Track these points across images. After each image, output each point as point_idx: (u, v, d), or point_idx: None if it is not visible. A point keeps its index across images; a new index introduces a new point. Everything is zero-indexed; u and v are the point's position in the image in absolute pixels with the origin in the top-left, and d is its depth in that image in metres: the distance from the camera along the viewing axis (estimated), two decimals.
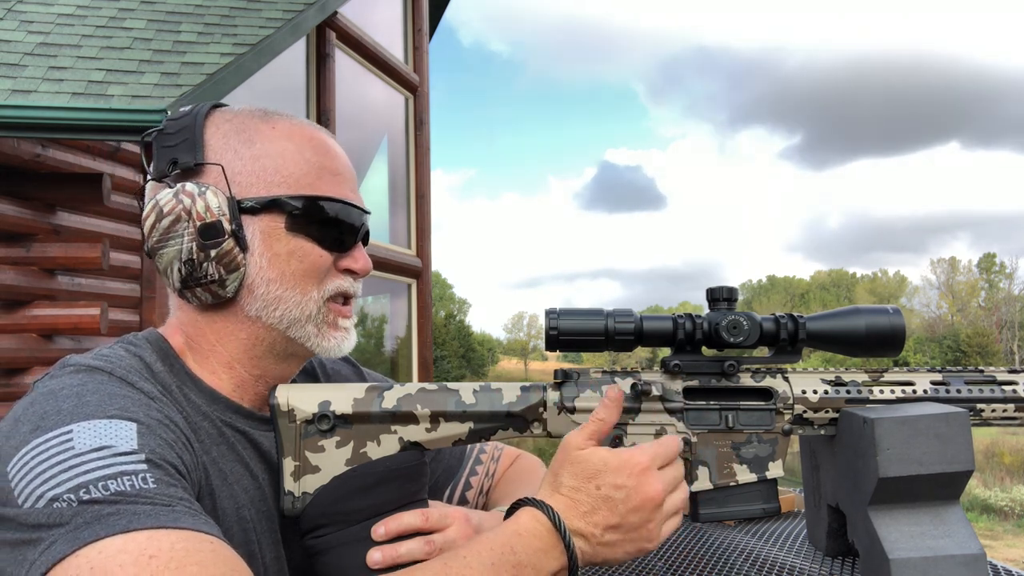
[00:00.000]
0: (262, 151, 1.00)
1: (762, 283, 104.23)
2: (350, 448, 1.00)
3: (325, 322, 1.03)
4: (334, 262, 1.03)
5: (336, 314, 1.05)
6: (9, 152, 4.11)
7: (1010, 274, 76.27)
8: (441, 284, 76.36)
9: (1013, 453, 24.16)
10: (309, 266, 1.01)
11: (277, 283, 1.00)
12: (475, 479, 1.29)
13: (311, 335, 1.02)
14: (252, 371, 1.03)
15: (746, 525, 1.62)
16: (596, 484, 0.91)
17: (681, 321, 1.07)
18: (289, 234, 0.99)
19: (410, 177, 8.84)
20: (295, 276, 1.00)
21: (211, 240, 0.96)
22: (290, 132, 1.03)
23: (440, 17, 10.70)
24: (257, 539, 0.98)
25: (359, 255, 1.06)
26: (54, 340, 4.42)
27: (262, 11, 5.36)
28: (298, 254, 1.00)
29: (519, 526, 0.90)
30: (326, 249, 1.02)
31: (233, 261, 0.97)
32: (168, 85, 4.24)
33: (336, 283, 1.04)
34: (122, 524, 0.74)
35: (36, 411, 0.83)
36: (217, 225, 0.96)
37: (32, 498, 0.76)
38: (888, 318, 1.07)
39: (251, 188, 0.99)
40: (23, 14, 4.85)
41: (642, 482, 0.91)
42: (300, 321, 1.01)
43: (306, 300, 1.01)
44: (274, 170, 1.00)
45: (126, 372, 0.91)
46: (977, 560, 1.00)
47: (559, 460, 0.95)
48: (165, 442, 0.85)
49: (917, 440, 1.00)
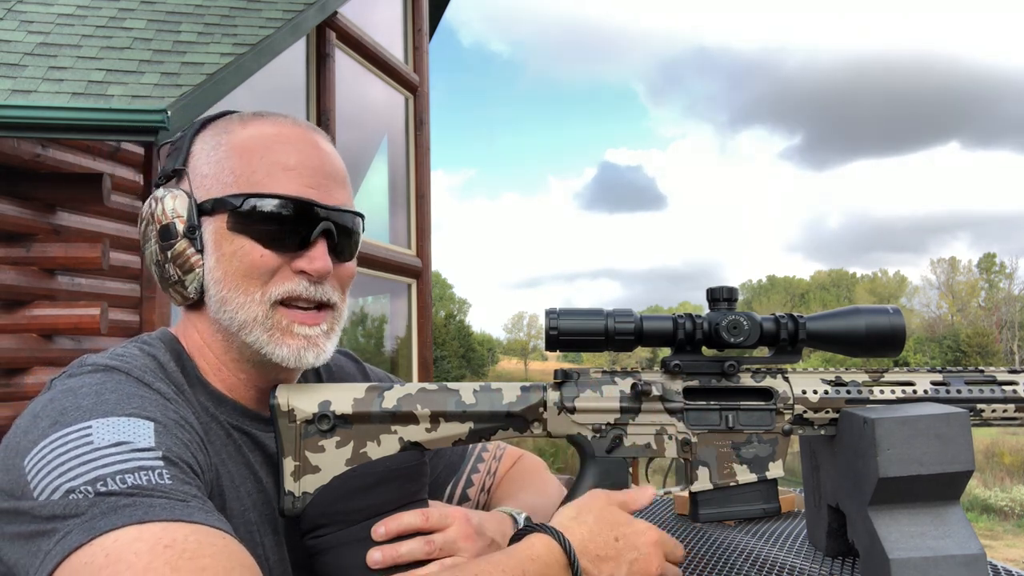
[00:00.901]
0: (226, 151, 1.00)
1: (762, 283, 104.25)
2: (350, 448, 1.00)
3: (276, 328, 0.97)
4: (288, 262, 0.98)
5: (291, 319, 0.98)
6: (9, 152, 4.10)
7: (1010, 274, 76.31)
8: (441, 284, 76.37)
9: (1013, 453, 24.16)
10: (249, 266, 0.97)
11: (222, 283, 0.97)
12: (477, 477, 1.29)
13: (263, 341, 0.97)
14: (238, 374, 1.03)
15: (746, 525, 1.62)
16: (615, 536, 0.94)
17: (681, 321, 1.07)
18: (231, 233, 0.97)
19: (410, 177, 8.84)
20: (236, 276, 0.97)
21: (167, 241, 0.98)
22: (258, 131, 1.00)
23: (440, 17, 10.69)
24: (261, 541, 0.99)
25: (316, 255, 0.98)
26: (54, 340, 4.42)
27: (262, 11, 5.36)
28: (239, 254, 0.97)
29: (532, 551, 0.90)
30: (271, 249, 0.96)
31: (187, 262, 0.98)
32: (168, 85, 4.24)
33: (285, 285, 0.97)
34: (138, 515, 0.74)
35: (56, 407, 0.84)
36: (171, 227, 0.98)
37: (48, 490, 0.77)
38: (888, 318, 1.07)
39: (211, 189, 0.99)
40: (23, 14, 4.85)
41: (651, 554, 0.95)
42: (248, 324, 0.97)
43: (249, 301, 0.97)
44: (229, 169, 0.99)
45: (142, 372, 0.92)
46: (977, 560, 1.00)
47: (586, 502, 0.97)
48: (181, 442, 0.86)
49: (917, 440, 1.00)
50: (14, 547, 0.78)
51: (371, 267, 7.60)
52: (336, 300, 1.02)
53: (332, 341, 1.03)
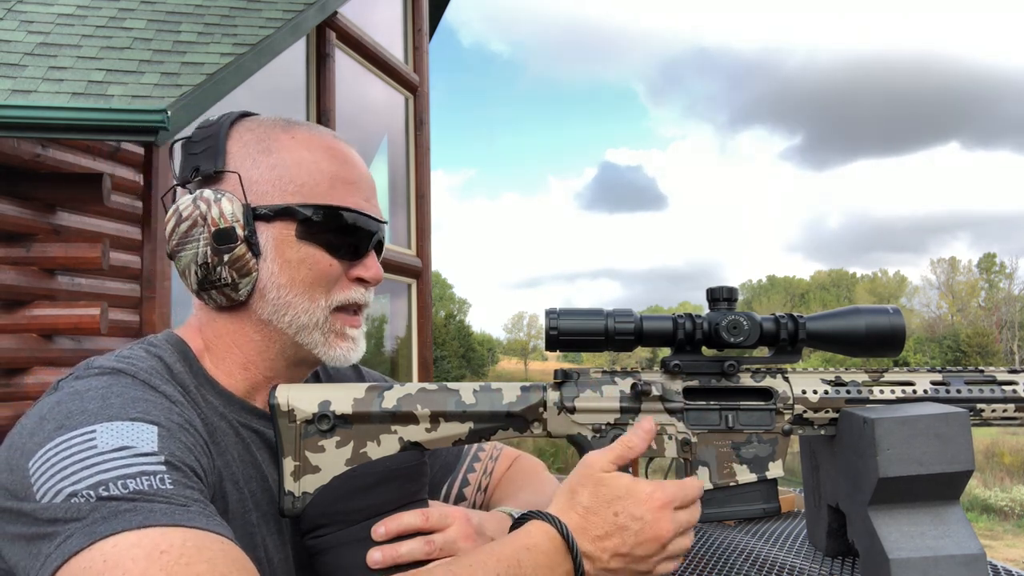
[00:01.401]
0: (279, 160, 1.03)
1: (762, 283, 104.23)
2: (350, 448, 1.00)
3: (332, 331, 1.05)
4: (345, 271, 1.05)
5: (344, 323, 1.06)
6: (9, 152, 4.11)
7: (1010, 274, 76.29)
8: (441, 284, 76.37)
9: (1013, 453, 24.16)
10: (318, 274, 1.02)
11: (287, 289, 1.02)
12: (473, 476, 1.29)
13: (318, 343, 1.04)
14: (266, 373, 1.05)
15: (746, 525, 1.62)
16: (615, 510, 0.92)
17: (681, 321, 1.07)
18: (300, 241, 1.02)
19: (410, 177, 8.84)
20: (304, 283, 1.02)
21: (224, 245, 0.99)
22: (308, 142, 1.05)
23: (440, 17, 10.69)
24: (263, 541, 0.99)
25: (371, 263, 1.07)
26: (54, 340, 4.42)
27: (262, 11, 5.36)
28: (308, 261, 1.02)
29: (529, 540, 0.89)
30: (336, 257, 1.04)
31: (245, 266, 1.00)
32: (168, 85, 4.24)
33: (346, 293, 1.05)
34: (138, 520, 0.75)
35: (62, 410, 0.85)
36: (231, 231, 0.99)
37: (51, 493, 0.77)
38: (888, 318, 1.07)
39: (266, 196, 1.02)
40: (23, 14, 4.85)
41: (658, 518, 0.92)
42: (308, 328, 1.03)
43: (314, 307, 1.03)
44: (289, 179, 1.02)
45: (148, 375, 0.93)
46: (977, 560, 1.00)
47: (579, 477, 0.95)
48: (184, 446, 0.87)
49: (917, 440, 1.01)
50: (15, 548, 0.78)
51: None
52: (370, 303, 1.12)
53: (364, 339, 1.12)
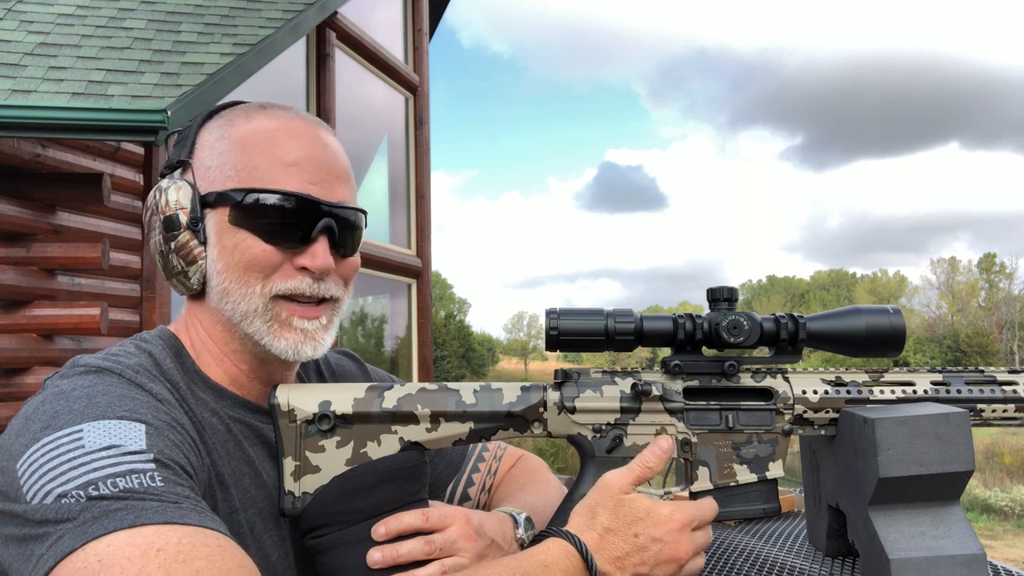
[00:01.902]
0: (229, 144, 1.00)
1: (762, 283, 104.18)
2: (350, 448, 1.00)
3: (276, 320, 0.99)
4: (290, 258, 0.99)
5: (291, 313, 0.99)
6: (9, 152, 4.10)
7: (1010, 274, 76.25)
8: (441, 284, 76.34)
9: (1013, 453, 24.16)
10: (251, 260, 0.97)
11: (224, 275, 0.98)
12: (477, 476, 1.29)
13: (262, 332, 0.99)
14: (240, 365, 1.03)
15: (746, 525, 1.62)
16: (635, 531, 0.92)
17: (681, 321, 1.07)
18: (233, 227, 0.97)
19: (410, 177, 8.84)
20: (238, 269, 0.98)
21: (171, 232, 0.99)
22: (261, 125, 1.01)
23: (440, 17, 10.69)
24: (256, 541, 0.98)
25: (317, 251, 0.99)
26: (54, 340, 4.42)
27: (262, 11, 5.36)
28: (240, 247, 0.98)
29: (547, 557, 0.89)
30: (272, 244, 0.97)
31: (190, 253, 0.99)
32: (168, 85, 4.24)
33: (288, 282, 0.98)
34: (130, 519, 0.74)
35: (47, 410, 0.84)
36: (175, 218, 0.99)
37: (40, 494, 0.76)
38: (888, 318, 1.07)
39: (214, 181, 0.99)
40: (23, 14, 4.84)
41: (677, 540, 0.93)
42: (248, 315, 0.98)
43: (250, 294, 0.98)
44: (231, 163, 0.99)
45: (135, 374, 0.92)
46: (977, 560, 1.00)
47: (599, 498, 0.95)
48: (173, 443, 0.86)
49: (917, 440, 1.00)
50: (8, 549, 0.78)
51: (371, 267, 7.60)
52: (338, 294, 1.03)
53: (330, 334, 1.03)
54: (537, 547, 0.91)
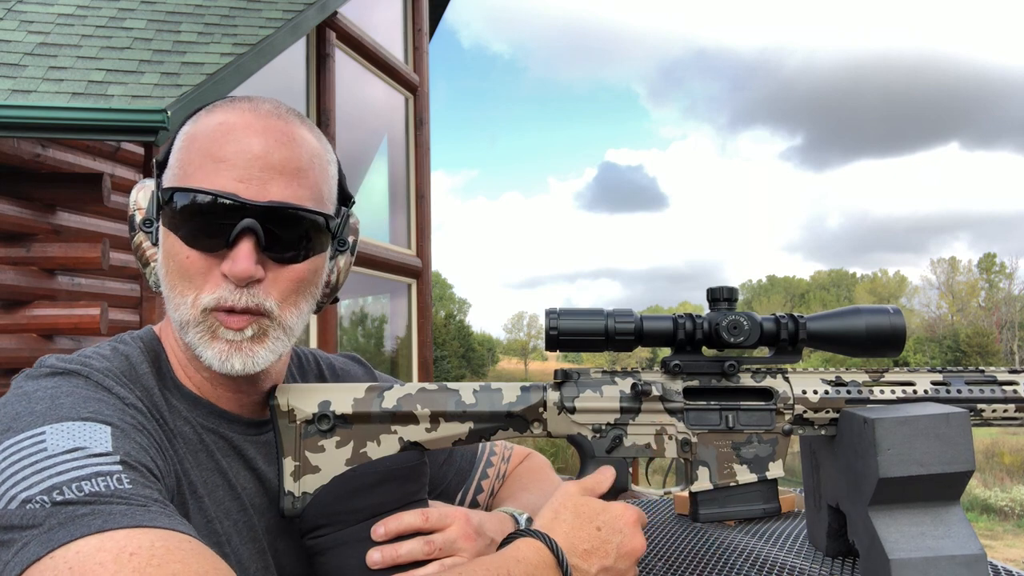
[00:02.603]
0: (181, 142, 0.95)
1: (762, 283, 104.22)
2: (350, 448, 1.00)
3: (207, 331, 0.91)
4: (217, 264, 0.90)
5: (219, 323, 0.90)
6: (9, 152, 4.11)
7: (1010, 274, 76.25)
8: (441, 284, 76.36)
9: (1013, 453, 24.16)
10: (179, 266, 0.90)
11: (165, 282, 0.94)
12: (486, 483, 1.29)
13: (195, 343, 0.91)
14: (201, 372, 0.98)
15: (746, 525, 1.62)
16: (596, 525, 0.95)
17: (681, 321, 1.07)
18: (166, 231, 0.92)
19: (410, 177, 8.84)
20: (173, 276, 0.92)
21: (131, 233, 0.98)
22: (216, 119, 0.93)
23: (440, 17, 10.70)
24: (234, 552, 0.95)
25: (236, 256, 0.88)
26: (54, 340, 4.42)
27: (262, 11, 5.36)
28: (171, 252, 0.91)
29: (519, 553, 0.90)
30: (196, 249, 0.89)
31: (144, 255, 0.98)
32: (168, 85, 4.24)
33: (215, 293, 0.89)
34: (98, 524, 0.72)
35: (8, 412, 0.81)
36: (132, 219, 0.98)
37: (4, 500, 0.74)
38: (888, 318, 1.07)
39: (166, 181, 0.95)
40: (23, 14, 4.85)
41: (633, 534, 0.96)
42: (185, 326, 0.91)
43: (183, 304, 0.91)
44: (177, 161, 0.93)
45: (102, 376, 0.88)
46: (977, 560, 1.00)
47: (558, 500, 0.98)
48: (139, 446, 0.83)
49: (917, 440, 1.00)
50: None
51: (371, 267, 7.60)
52: (270, 307, 0.91)
53: (265, 347, 0.92)
54: (507, 548, 0.91)
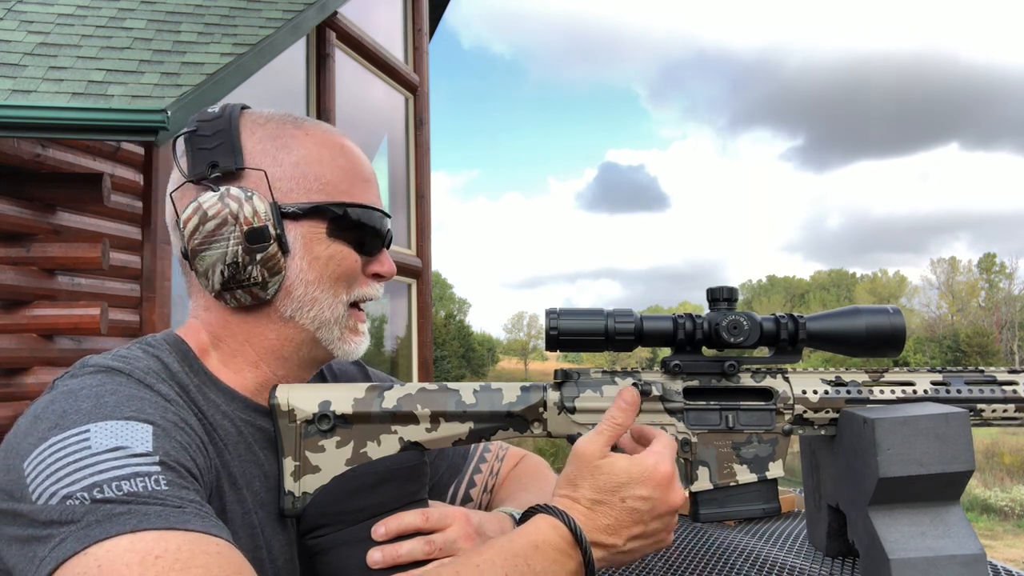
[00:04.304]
0: (300, 157, 1.03)
1: (762, 283, 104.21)
2: (350, 448, 1.00)
3: (347, 326, 1.06)
4: (363, 267, 1.07)
5: (357, 319, 1.08)
6: (9, 152, 4.10)
7: (1010, 274, 76.23)
8: (441, 284, 76.34)
9: (1013, 453, 24.17)
10: (345, 270, 1.04)
11: (315, 285, 1.02)
12: (479, 477, 1.29)
13: (335, 338, 1.05)
14: (277, 371, 1.04)
15: (746, 525, 1.62)
16: (621, 496, 0.92)
17: (681, 321, 1.07)
18: (329, 239, 1.03)
19: (410, 177, 8.84)
20: (331, 279, 1.03)
21: (257, 244, 0.98)
22: (324, 139, 1.06)
23: (440, 17, 10.69)
24: (266, 543, 0.98)
25: (385, 259, 1.10)
26: (54, 340, 4.41)
27: (262, 11, 5.36)
28: (336, 258, 1.03)
29: (538, 536, 0.89)
30: (360, 253, 1.06)
31: (276, 264, 1.00)
32: (168, 85, 4.23)
33: (363, 289, 1.07)
34: (132, 524, 0.74)
35: (56, 409, 0.84)
36: (264, 230, 0.98)
37: (46, 495, 0.77)
38: (888, 318, 1.07)
39: (291, 194, 1.01)
40: (23, 14, 4.84)
41: (667, 492, 0.94)
42: (328, 323, 1.04)
43: (336, 303, 1.04)
44: (313, 176, 1.03)
45: (144, 374, 0.91)
46: (977, 560, 1.00)
47: (576, 470, 0.95)
48: (180, 445, 0.86)
49: (917, 440, 1.00)
50: (12, 549, 0.78)
51: None
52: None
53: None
54: (526, 526, 0.91)
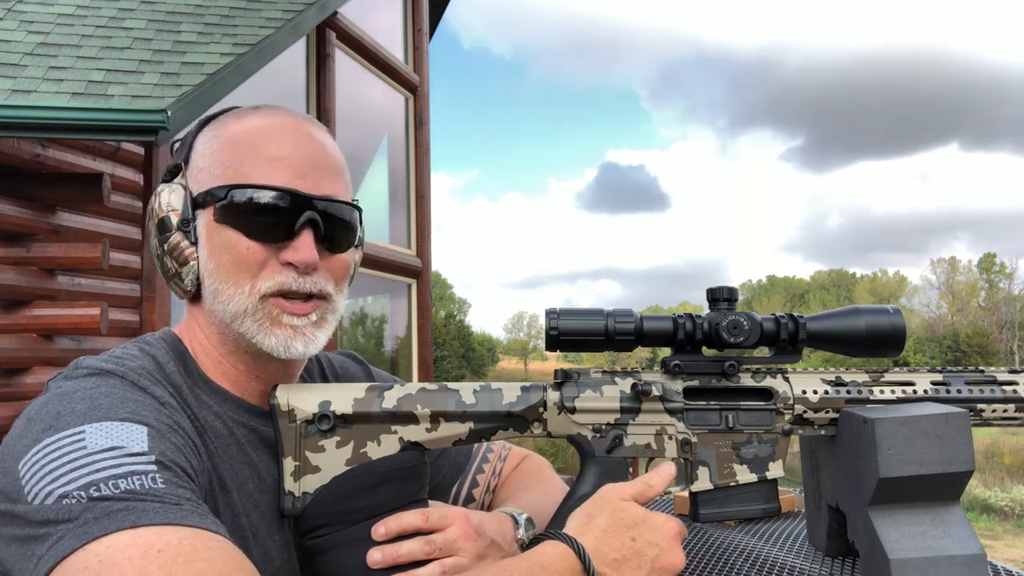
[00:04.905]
0: (218, 145, 1.01)
1: (762, 283, 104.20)
2: (350, 448, 1.00)
3: (267, 317, 0.97)
4: (275, 254, 0.97)
5: (280, 309, 0.98)
6: (9, 152, 4.10)
7: (1010, 274, 76.22)
8: (441, 284, 76.33)
9: (1013, 453, 24.17)
10: (238, 258, 0.97)
11: (215, 275, 0.98)
12: (482, 477, 1.29)
13: (253, 331, 0.97)
14: (238, 366, 1.03)
15: (746, 525, 1.62)
16: (632, 535, 0.93)
17: (681, 321, 1.07)
18: (219, 225, 0.97)
19: (410, 177, 8.83)
20: (227, 268, 0.97)
21: (163, 235, 0.99)
22: (251, 123, 1.00)
23: (440, 17, 10.69)
24: (260, 545, 0.98)
25: (300, 245, 0.97)
26: (54, 340, 4.41)
27: (262, 11, 5.36)
28: (227, 246, 0.97)
29: (543, 559, 0.90)
30: (256, 240, 0.96)
31: (182, 255, 0.99)
32: (168, 85, 4.23)
33: (274, 278, 0.97)
34: (131, 520, 0.74)
35: (50, 411, 0.84)
36: (167, 220, 0.99)
37: (42, 495, 0.77)
38: (888, 318, 1.07)
39: (204, 182, 1.00)
40: (23, 14, 4.84)
41: (673, 548, 0.95)
42: (239, 315, 0.97)
43: (239, 293, 0.97)
44: (218, 162, 0.99)
45: (137, 376, 0.92)
46: (977, 560, 1.00)
47: (595, 506, 0.96)
48: (174, 446, 0.86)
49: (917, 440, 1.00)
50: (10, 550, 0.78)
51: (371, 267, 7.59)
52: (329, 291, 1.01)
53: (324, 331, 1.01)
54: (533, 550, 0.92)
